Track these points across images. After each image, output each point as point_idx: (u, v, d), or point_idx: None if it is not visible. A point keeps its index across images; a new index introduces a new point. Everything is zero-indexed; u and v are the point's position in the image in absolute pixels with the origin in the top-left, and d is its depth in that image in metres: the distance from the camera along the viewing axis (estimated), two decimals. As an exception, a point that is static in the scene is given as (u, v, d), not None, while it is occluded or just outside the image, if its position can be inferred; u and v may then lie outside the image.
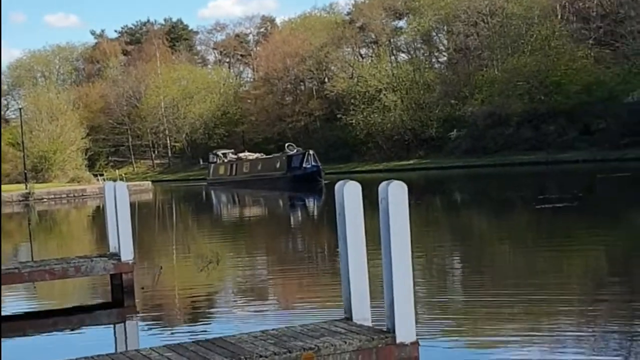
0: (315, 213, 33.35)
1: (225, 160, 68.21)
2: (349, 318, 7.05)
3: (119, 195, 12.92)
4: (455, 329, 9.66)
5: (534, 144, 61.20)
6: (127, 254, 12.79)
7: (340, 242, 7.09)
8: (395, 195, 6.55)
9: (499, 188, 38.33)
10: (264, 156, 65.31)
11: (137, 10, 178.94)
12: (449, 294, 12.38)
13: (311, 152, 56.02)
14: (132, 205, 43.84)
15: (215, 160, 70.21)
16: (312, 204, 39.21)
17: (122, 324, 11.86)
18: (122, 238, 12.80)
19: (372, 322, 7.13)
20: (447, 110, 71.44)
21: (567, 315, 10.02)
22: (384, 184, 6.63)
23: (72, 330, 11.42)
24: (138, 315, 11.92)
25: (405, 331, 6.58)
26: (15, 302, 13.69)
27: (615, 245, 16.47)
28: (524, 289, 11.89)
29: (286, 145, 61.02)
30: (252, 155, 66.58)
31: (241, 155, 67.89)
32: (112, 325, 12.01)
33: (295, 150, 58.44)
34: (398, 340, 6.54)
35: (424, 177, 55.70)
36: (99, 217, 34.85)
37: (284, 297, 13.03)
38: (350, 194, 7.04)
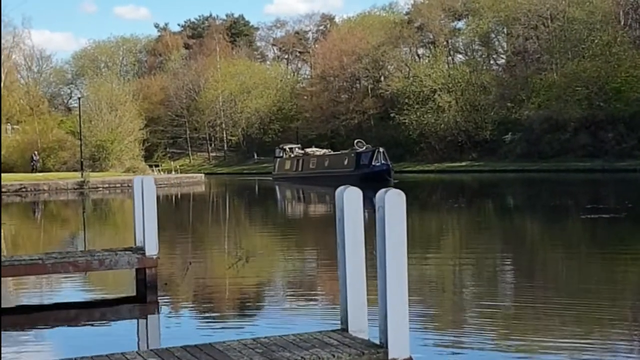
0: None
1: (292, 155, 66.62)
2: (344, 329, 6.87)
3: (146, 189, 12.92)
4: (502, 337, 9.55)
5: (591, 151, 60.00)
6: (152, 249, 12.77)
7: (339, 250, 6.91)
8: (393, 204, 6.33)
9: (549, 194, 37.56)
10: (332, 152, 63.69)
11: (206, 4, 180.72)
12: (494, 301, 12.06)
13: (381, 149, 53.84)
14: (185, 196, 43.89)
15: (281, 154, 68.70)
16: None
17: (144, 320, 11.86)
18: (147, 232, 12.78)
19: (371, 335, 6.91)
20: (503, 113, 70.51)
21: (612, 327, 9.74)
22: (381, 191, 6.41)
23: (92, 324, 11.45)
24: (159, 311, 11.91)
25: (399, 346, 6.36)
26: (41, 293, 13.84)
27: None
28: (557, 298, 11.70)
29: (355, 142, 59.00)
30: (320, 151, 64.75)
31: (308, 150, 66.08)
32: (133, 320, 12.01)
33: (364, 147, 56.33)
34: (390, 356, 6.32)
35: (477, 180, 55.02)
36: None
37: (307, 301, 12.77)
38: (350, 199, 6.84)
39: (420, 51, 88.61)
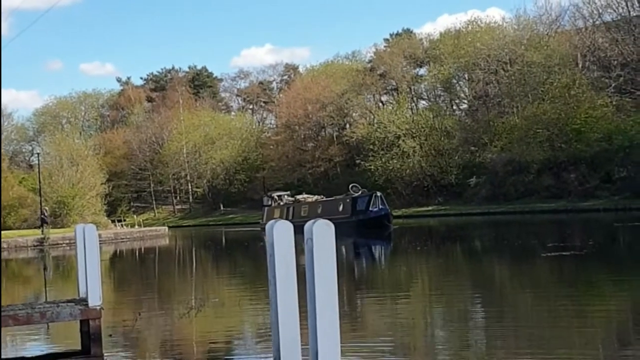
0: (380, 263, 29.20)
1: (281, 203, 63.61)
2: (277, 368, 6.48)
3: (87, 239, 12.49)
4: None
5: (555, 192, 60.44)
6: (95, 299, 12.27)
7: (270, 286, 6.55)
8: (321, 235, 6.04)
9: (512, 236, 37.52)
10: (324, 198, 61.10)
11: (172, 58, 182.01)
12: (464, 338, 11.78)
13: (379, 194, 51.70)
14: (147, 250, 42.49)
15: (269, 203, 65.49)
16: (378, 252, 34.92)
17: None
18: (90, 283, 12.30)
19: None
20: (467, 157, 71.12)
21: None
22: (309, 223, 6.12)
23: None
24: (102, 364, 11.42)
25: (332, 384, 6.00)
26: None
27: (598, 295, 15.98)
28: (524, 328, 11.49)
29: (350, 186, 56.17)
30: (311, 198, 62.38)
31: (299, 197, 63.58)
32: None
33: (360, 192, 53.84)
34: (324, 395, 5.96)
35: (444, 224, 54.93)
36: (106, 262, 34.54)
37: (255, 351, 12.20)
38: (280, 233, 6.51)
39: (384, 98, 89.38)
